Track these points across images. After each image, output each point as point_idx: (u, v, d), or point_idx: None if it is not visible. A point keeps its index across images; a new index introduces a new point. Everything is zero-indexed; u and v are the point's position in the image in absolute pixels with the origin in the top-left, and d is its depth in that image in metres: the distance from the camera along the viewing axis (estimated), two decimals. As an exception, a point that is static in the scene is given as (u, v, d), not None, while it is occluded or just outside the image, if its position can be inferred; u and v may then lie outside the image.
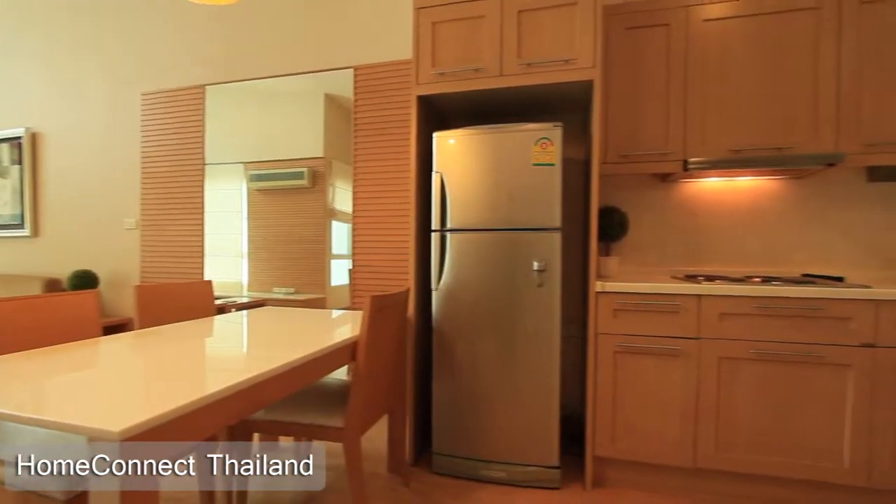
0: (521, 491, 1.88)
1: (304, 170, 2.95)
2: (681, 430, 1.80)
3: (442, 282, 1.98)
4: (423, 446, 2.20)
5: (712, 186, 2.25)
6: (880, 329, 1.63)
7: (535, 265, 1.86)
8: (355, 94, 2.71)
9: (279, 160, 3.04)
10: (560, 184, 1.83)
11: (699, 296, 1.77)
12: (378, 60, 2.67)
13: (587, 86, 1.90)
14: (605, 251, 2.27)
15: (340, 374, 1.88)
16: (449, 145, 1.96)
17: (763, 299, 1.71)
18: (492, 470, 1.93)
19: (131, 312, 1.83)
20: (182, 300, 1.97)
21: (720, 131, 1.99)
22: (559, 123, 1.82)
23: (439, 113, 2.35)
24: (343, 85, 2.80)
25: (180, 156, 3.16)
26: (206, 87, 3.08)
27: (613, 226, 2.15)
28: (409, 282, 2.05)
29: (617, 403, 1.86)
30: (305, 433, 1.57)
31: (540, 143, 1.83)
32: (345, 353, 1.50)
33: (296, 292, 3.05)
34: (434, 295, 2.00)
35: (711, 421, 1.77)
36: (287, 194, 3.05)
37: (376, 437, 1.96)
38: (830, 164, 1.84)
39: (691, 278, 1.97)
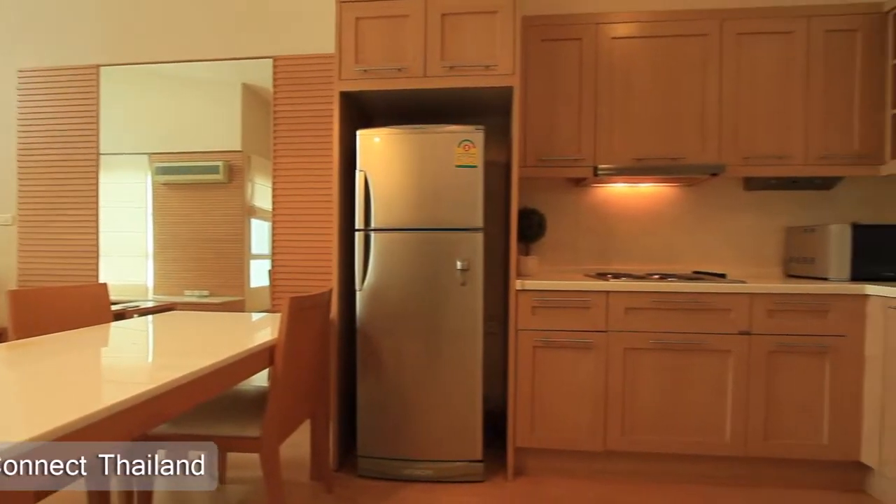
0: (446, 487, 1.91)
1: (220, 163, 2.77)
2: (592, 417, 1.94)
3: (366, 282, 1.95)
4: (348, 450, 2.16)
5: (620, 191, 2.45)
6: (754, 318, 1.88)
7: (459, 264, 1.90)
8: (275, 85, 2.59)
9: (190, 152, 2.82)
10: (482, 185, 1.89)
11: (607, 292, 1.91)
12: (300, 52, 2.57)
13: (507, 91, 1.97)
14: (524, 251, 2.38)
15: (262, 379, 1.80)
16: (373, 143, 1.94)
17: (660, 294, 1.89)
18: (418, 469, 1.95)
19: (5, 321, 1.60)
20: (70, 306, 1.75)
21: (626, 141, 2.17)
22: (481, 126, 1.88)
23: (364, 110, 2.32)
24: (263, 76, 2.66)
25: (69, 144, 2.80)
26: (101, 67, 2.76)
27: (532, 227, 2.26)
28: (333, 282, 2.00)
29: (536, 396, 1.96)
30: (218, 446, 1.47)
31: (462, 144, 1.87)
32: (262, 358, 1.43)
33: (210, 295, 2.85)
34: (358, 295, 1.97)
35: (618, 407, 1.93)
36: (200, 189, 2.84)
37: (298, 444, 1.89)
38: (714, 174, 2.08)
39: (601, 276, 2.12)
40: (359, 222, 1.95)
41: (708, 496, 1.85)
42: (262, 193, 2.79)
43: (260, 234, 2.81)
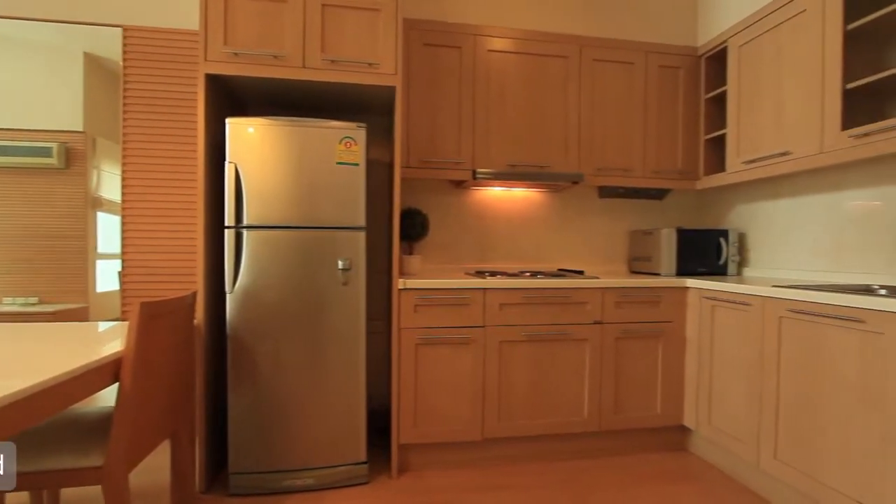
0: (330, 493, 1.85)
1: (53, 145, 2.34)
2: (472, 409, 2.04)
3: (238, 283, 1.81)
4: (219, 469, 1.97)
5: (496, 194, 2.62)
6: (605, 309, 2.15)
7: (340, 264, 1.85)
8: (125, 59, 2.25)
9: (14, 129, 2.33)
10: (364, 184, 1.87)
11: (485, 290, 2.03)
12: (158, 25, 2.27)
13: (390, 91, 1.98)
14: (408, 250, 2.41)
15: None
16: (247, 134, 1.80)
17: (531, 290, 2.07)
18: (299, 479, 1.85)
19: None
20: None
21: (501, 147, 2.33)
22: (363, 124, 1.86)
23: (235, 97, 2.14)
24: (111, 46, 2.30)
25: None
26: None
27: (415, 226, 2.30)
28: (198, 284, 1.81)
29: (418, 392, 2.00)
30: (48, 482, 1.24)
31: (344, 141, 1.83)
32: (104, 373, 1.24)
33: (39, 303, 2.39)
34: (229, 298, 1.81)
35: (495, 397, 2.06)
36: (27, 175, 2.36)
37: (156, 469, 1.67)
38: (575, 182, 2.34)
39: (479, 274, 2.25)
40: (229, 219, 1.79)
41: (571, 469, 2.07)
42: (110, 183, 2.43)
43: (109, 230, 2.44)
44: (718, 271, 2.47)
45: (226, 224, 1.79)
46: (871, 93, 1.82)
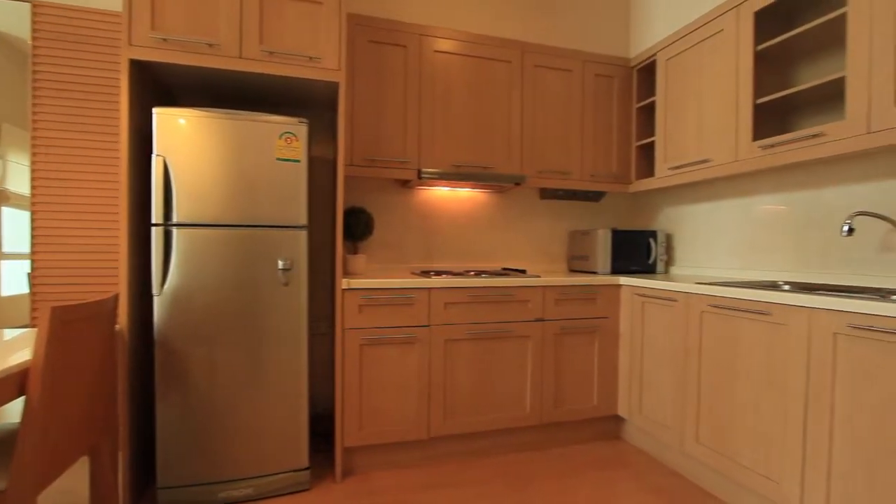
0: (270, 502, 1.78)
1: (-61, 131, 2.06)
2: (417, 407, 2.04)
3: (167, 285, 1.69)
4: (147, 484, 1.84)
5: (442, 194, 2.63)
6: (546, 307, 2.23)
7: (281, 264, 1.79)
8: (34, 38, 2.03)
9: None
10: (306, 181, 1.82)
11: (430, 289, 2.04)
12: (73, 2, 2.07)
13: (333, 87, 1.94)
14: (352, 249, 2.38)
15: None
16: (177, 126, 1.68)
17: (475, 289, 2.11)
18: (235, 489, 1.77)
19: None
20: None
21: (446, 147, 2.35)
22: (305, 120, 1.80)
23: (164, 86, 2.00)
24: (17, 22, 2.07)
25: None
26: None
27: (360, 225, 2.27)
28: (120, 286, 1.68)
29: (363, 393, 1.97)
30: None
31: (284, 137, 1.77)
32: (7, 386, 1.11)
33: (-76, 310, 2.11)
34: (156, 301, 1.69)
35: (440, 395, 2.07)
36: None
37: (72, 489, 1.53)
38: (518, 184, 2.41)
39: (425, 274, 2.25)
40: (156, 216, 1.67)
41: (514, 462, 2.13)
42: (19, 175, 2.19)
43: (16, 228, 2.20)
44: (648, 270, 2.64)
45: (153, 221, 1.67)
46: (778, 108, 2.02)
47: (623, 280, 2.33)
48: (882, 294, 1.58)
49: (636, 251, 2.61)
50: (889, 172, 1.72)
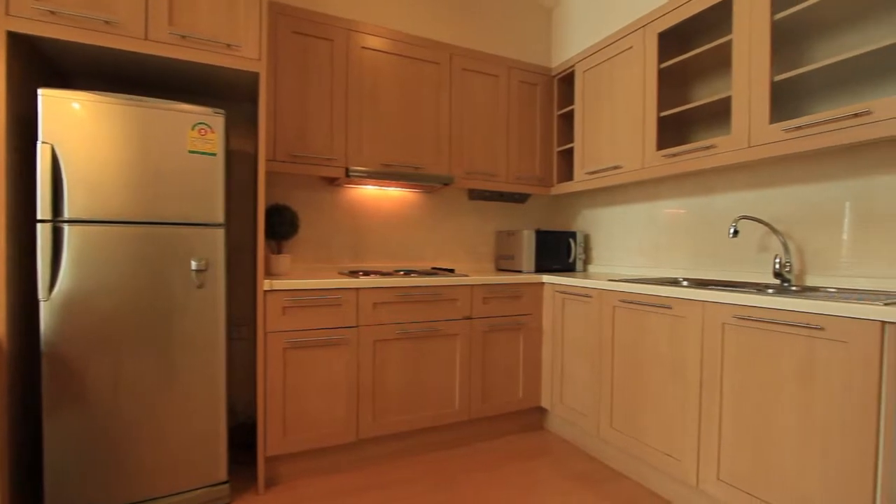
0: (178, 522, 1.65)
1: None
2: (346, 410, 2.00)
3: (57, 289, 1.50)
4: (24, 515, 1.62)
5: (371, 193, 2.60)
6: (474, 305, 2.29)
7: (195, 264, 1.66)
8: None
9: None
10: (223, 176, 1.71)
11: (357, 289, 2.01)
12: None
13: (254, 78, 1.84)
14: (276, 249, 2.27)
15: None
16: (71, 111, 1.50)
17: (404, 289, 2.10)
18: (139, 511, 1.61)
19: None
20: None
21: (375, 146, 2.32)
22: (221, 110, 1.69)
23: (60, 69, 1.78)
24: None
25: None
26: None
27: (284, 224, 2.17)
28: (-5, 292, 1.46)
29: (288, 399, 1.89)
30: None
31: (198, 128, 1.65)
32: None
33: None
34: (44, 307, 1.49)
35: (369, 396, 2.04)
36: None
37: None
38: (446, 184, 2.44)
39: (353, 274, 2.21)
40: (43, 211, 1.48)
41: (443, 459, 2.16)
42: None
43: None
44: (569, 268, 2.80)
45: (39, 217, 1.48)
46: (678, 120, 2.24)
47: (546, 278, 2.46)
48: (759, 288, 1.81)
49: (558, 251, 2.76)
50: (768, 182, 1.97)
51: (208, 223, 1.69)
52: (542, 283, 2.48)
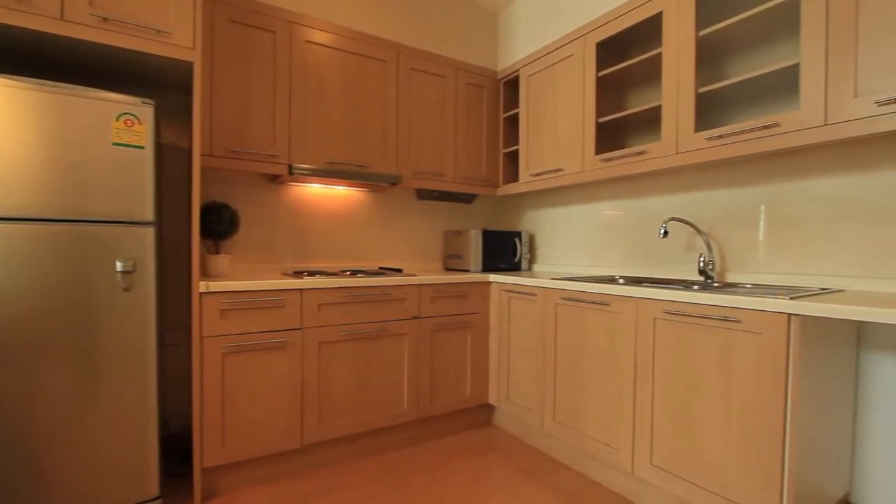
0: (102, 545, 1.53)
1: None
2: (289, 416, 1.93)
3: (-48, 294, 1.34)
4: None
5: (317, 191, 2.53)
6: (422, 305, 2.29)
7: (120, 265, 1.54)
8: None
9: None
10: (152, 171, 1.60)
11: (301, 290, 1.95)
12: None
13: (188, 67, 1.74)
14: (214, 249, 2.16)
15: None
16: (-33, 95, 1.34)
17: (350, 289, 2.07)
18: (54, 537, 1.47)
19: None
20: None
21: (320, 143, 2.26)
22: (150, 101, 1.58)
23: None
24: None
25: None
26: None
27: (223, 223, 2.07)
28: None
29: (227, 406, 1.80)
30: None
31: (123, 118, 1.53)
32: None
33: None
34: (-65, 315, 1.33)
35: (315, 400, 1.99)
36: None
37: None
38: (394, 183, 2.43)
39: (297, 274, 2.14)
40: (-65, 207, 1.31)
41: (392, 460, 2.14)
42: None
43: None
44: (515, 267, 2.88)
45: (-71, 213, 1.31)
46: (615, 126, 2.36)
47: (492, 277, 2.50)
48: (686, 285, 1.94)
49: (504, 250, 2.82)
50: (694, 186, 2.12)
51: (136, 221, 1.57)
52: (489, 283, 2.53)
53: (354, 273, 2.26)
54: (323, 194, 2.55)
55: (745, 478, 1.42)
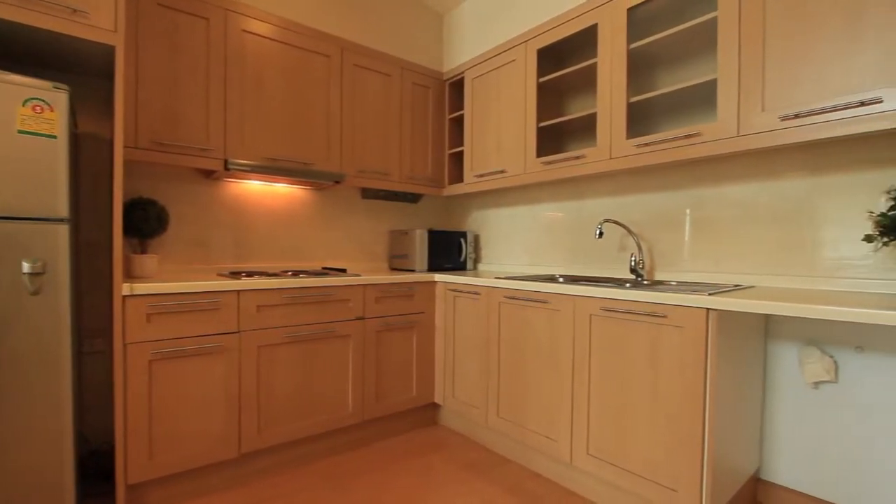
0: (5, 577, 1.37)
1: None
2: (226, 424, 1.84)
3: None
4: None
5: (256, 188, 2.43)
6: (367, 305, 2.26)
7: (27, 266, 1.40)
8: None
9: None
10: (67, 163, 1.46)
11: (238, 291, 1.86)
12: None
13: (109, 52, 1.61)
14: (140, 248, 2.01)
15: None
16: None
17: (292, 290, 2.00)
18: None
19: None
20: None
21: (258, 138, 2.17)
22: (64, 86, 1.44)
23: None
24: None
25: None
26: None
27: (150, 220, 1.93)
28: None
29: (155, 417, 1.69)
30: None
31: (31, 104, 1.38)
32: None
33: None
34: None
35: (253, 406, 1.91)
36: None
37: None
38: (337, 182, 2.38)
39: (235, 275, 2.04)
40: None
41: (337, 464, 2.09)
42: None
43: None
44: (460, 267, 2.91)
45: None
46: (555, 131, 2.46)
47: (438, 277, 2.52)
48: (619, 283, 2.06)
49: (450, 250, 2.85)
50: (627, 189, 2.25)
51: (47, 218, 1.43)
52: (435, 282, 2.54)
53: (296, 273, 2.19)
54: (263, 192, 2.45)
55: (672, 461, 1.53)
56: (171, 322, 1.71)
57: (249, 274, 2.07)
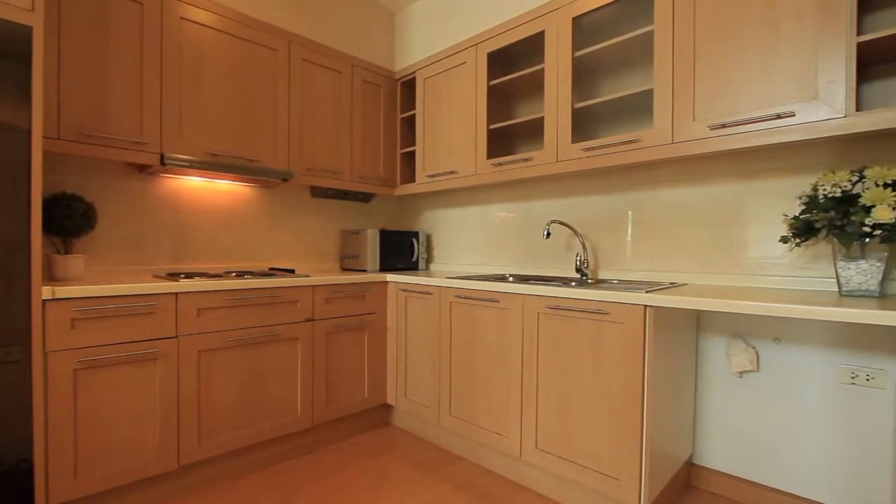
0: None
1: None
2: (162, 435, 1.73)
3: None
4: None
5: (196, 185, 2.31)
6: (316, 307, 2.21)
7: (-74, 270, 1.25)
8: None
9: None
10: (-24, 156, 1.32)
11: (176, 294, 1.76)
12: None
13: (26, 33, 1.47)
14: (64, 248, 1.85)
15: None
16: None
17: (235, 292, 1.92)
18: None
19: None
20: None
21: (198, 132, 2.06)
22: (-28, 72, 1.31)
23: None
24: None
25: None
26: None
27: (75, 218, 1.78)
28: None
29: (81, 431, 1.56)
30: None
31: (-70, 90, 1.25)
32: None
33: None
34: None
35: (194, 415, 1.81)
36: None
37: None
38: (285, 180, 2.31)
39: (173, 276, 1.93)
40: None
41: (286, 470, 2.03)
42: None
43: None
44: (412, 267, 2.91)
45: None
46: (506, 133, 2.51)
47: (390, 277, 2.50)
48: (565, 282, 2.13)
49: (402, 250, 2.84)
50: (573, 191, 2.34)
51: (-50, 215, 1.29)
52: (387, 282, 2.52)
53: (241, 274, 2.10)
54: (205, 188, 2.33)
55: (614, 451, 1.61)
56: (99, 328, 1.59)
57: (189, 275, 1.96)
